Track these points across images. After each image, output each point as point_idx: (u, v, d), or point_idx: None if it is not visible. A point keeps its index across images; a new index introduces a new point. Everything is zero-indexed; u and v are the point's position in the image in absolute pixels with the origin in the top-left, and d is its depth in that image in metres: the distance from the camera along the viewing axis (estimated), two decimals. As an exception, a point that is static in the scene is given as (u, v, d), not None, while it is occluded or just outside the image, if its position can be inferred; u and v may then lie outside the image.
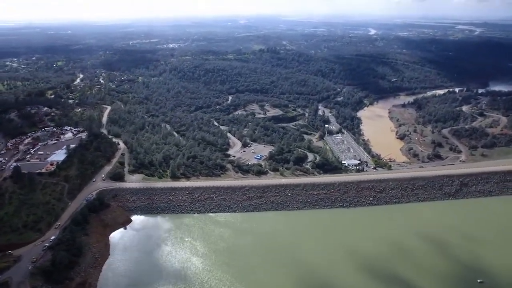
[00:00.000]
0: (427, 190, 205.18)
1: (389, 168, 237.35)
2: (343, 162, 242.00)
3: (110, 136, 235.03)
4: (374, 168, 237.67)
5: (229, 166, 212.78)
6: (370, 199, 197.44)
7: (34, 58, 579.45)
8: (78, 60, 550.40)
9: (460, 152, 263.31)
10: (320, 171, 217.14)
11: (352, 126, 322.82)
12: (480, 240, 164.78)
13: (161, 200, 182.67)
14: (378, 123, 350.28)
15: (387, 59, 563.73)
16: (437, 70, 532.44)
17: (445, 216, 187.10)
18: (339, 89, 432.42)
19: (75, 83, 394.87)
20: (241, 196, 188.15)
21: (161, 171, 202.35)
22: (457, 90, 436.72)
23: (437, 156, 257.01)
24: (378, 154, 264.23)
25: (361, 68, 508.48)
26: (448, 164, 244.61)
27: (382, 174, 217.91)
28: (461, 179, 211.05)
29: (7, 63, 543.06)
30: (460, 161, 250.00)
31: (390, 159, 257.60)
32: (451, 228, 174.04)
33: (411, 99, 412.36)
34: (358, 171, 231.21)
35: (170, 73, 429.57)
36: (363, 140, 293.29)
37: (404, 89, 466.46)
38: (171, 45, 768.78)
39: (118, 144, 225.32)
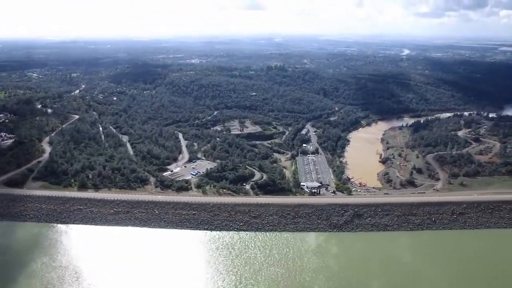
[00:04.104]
0: (310, 219, 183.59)
1: (349, 192, 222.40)
2: (302, 184, 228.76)
3: (41, 144, 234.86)
4: (334, 192, 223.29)
5: (152, 180, 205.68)
6: (241, 224, 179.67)
7: (54, 69, 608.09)
8: (94, 73, 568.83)
9: (438, 179, 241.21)
10: (259, 191, 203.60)
11: (334, 147, 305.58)
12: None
13: (33, 207, 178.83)
14: (368, 145, 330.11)
15: (400, 79, 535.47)
16: (453, 92, 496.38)
17: (319, 251, 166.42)
18: (336, 108, 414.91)
19: (73, 93, 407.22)
20: (109, 210, 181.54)
21: (72, 180, 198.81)
22: (466, 113, 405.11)
23: (411, 183, 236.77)
24: (351, 177, 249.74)
25: (367, 88, 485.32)
26: (419, 193, 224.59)
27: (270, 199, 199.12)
28: (356, 209, 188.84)
29: (29, 73, 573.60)
30: (434, 189, 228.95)
31: (360, 183, 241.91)
32: (313, 265, 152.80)
33: (414, 121, 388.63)
34: (312, 194, 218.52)
35: (165, 87, 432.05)
36: (340, 162, 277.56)
37: (410, 111, 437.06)
38: (193, 61, 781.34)
39: (43, 152, 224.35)
